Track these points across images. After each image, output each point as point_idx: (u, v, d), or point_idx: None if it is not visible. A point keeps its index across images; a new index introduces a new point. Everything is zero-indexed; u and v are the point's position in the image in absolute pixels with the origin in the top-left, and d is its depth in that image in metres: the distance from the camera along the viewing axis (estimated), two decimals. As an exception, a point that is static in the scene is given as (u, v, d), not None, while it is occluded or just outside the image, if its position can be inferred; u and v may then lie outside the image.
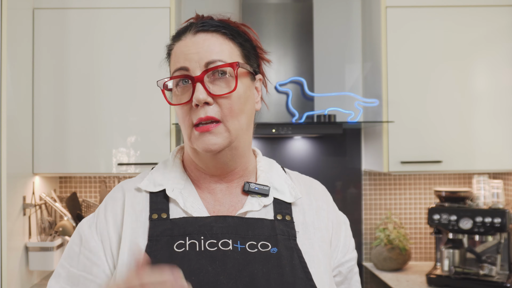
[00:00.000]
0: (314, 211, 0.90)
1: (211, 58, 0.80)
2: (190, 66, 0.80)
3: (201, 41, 0.82)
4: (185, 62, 0.81)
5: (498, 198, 2.28)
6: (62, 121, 2.17)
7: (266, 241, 0.80)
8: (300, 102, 2.35)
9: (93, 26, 2.19)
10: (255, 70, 0.89)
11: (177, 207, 0.84)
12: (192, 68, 0.80)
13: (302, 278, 0.78)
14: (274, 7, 2.40)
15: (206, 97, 0.79)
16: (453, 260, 2.16)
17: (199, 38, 0.82)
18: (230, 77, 0.81)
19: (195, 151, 0.84)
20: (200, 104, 0.79)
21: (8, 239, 1.91)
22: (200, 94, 0.78)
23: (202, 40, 0.82)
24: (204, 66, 0.80)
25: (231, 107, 0.80)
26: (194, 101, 0.79)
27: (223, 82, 0.81)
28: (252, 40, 0.89)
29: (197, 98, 0.78)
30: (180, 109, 0.82)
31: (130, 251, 0.80)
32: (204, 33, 0.83)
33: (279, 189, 0.89)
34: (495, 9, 2.24)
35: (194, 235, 0.79)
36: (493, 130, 2.22)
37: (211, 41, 0.82)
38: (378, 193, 2.60)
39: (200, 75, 0.79)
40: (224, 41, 0.83)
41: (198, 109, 0.79)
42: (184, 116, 0.82)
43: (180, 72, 0.82)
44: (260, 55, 0.90)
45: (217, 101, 0.80)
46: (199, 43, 0.81)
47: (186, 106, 0.81)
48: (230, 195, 0.87)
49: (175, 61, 0.83)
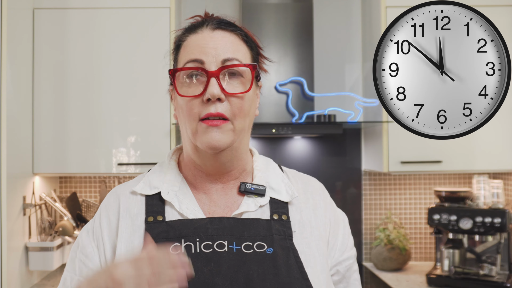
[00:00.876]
0: (311, 209, 0.89)
1: (228, 56, 0.80)
2: (206, 59, 0.80)
3: (220, 38, 0.82)
4: (201, 54, 0.81)
5: (498, 198, 2.28)
6: (62, 121, 2.17)
7: (262, 242, 0.80)
8: (300, 102, 2.35)
9: (93, 26, 2.18)
10: (260, 76, 0.90)
11: (172, 209, 0.84)
12: (207, 62, 0.80)
13: (298, 278, 0.78)
14: (274, 7, 2.40)
15: (220, 93, 0.78)
16: (453, 260, 2.16)
17: (218, 35, 0.82)
18: (243, 78, 0.82)
19: (195, 148, 0.84)
20: (213, 100, 0.78)
21: (8, 239, 1.91)
22: (214, 89, 0.78)
23: (220, 36, 0.82)
24: (220, 62, 0.80)
25: (241, 107, 0.81)
26: (207, 95, 0.78)
27: (237, 82, 0.81)
28: (258, 48, 0.90)
29: (211, 93, 0.78)
30: (187, 101, 0.81)
31: (127, 253, 0.80)
32: (222, 30, 0.83)
33: (276, 189, 0.88)
34: (495, 9, 2.24)
35: (189, 237, 0.79)
36: (493, 130, 2.21)
37: (229, 40, 0.82)
38: (378, 193, 2.60)
39: (216, 71, 0.79)
40: (240, 42, 0.84)
41: (209, 104, 0.79)
42: (190, 109, 0.81)
43: (194, 64, 0.81)
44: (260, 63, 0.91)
45: (229, 99, 0.80)
46: (218, 39, 0.82)
47: (195, 100, 0.80)
48: (225, 196, 0.87)
49: (189, 52, 0.82)
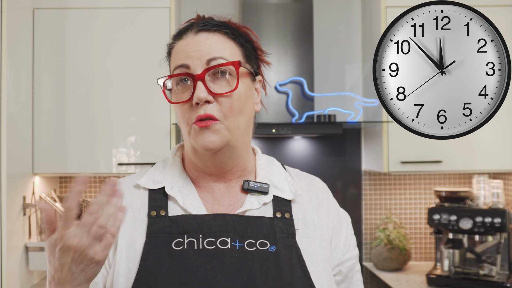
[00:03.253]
0: (315, 208, 0.89)
1: (212, 55, 0.80)
2: (191, 63, 0.80)
3: (203, 40, 0.82)
4: (186, 59, 0.81)
5: (498, 198, 2.28)
6: (62, 121, 2.17)
7: (265, 239, 0.80)
8: (300, 102, 2.35)
9: (93, 26, 2.18)
10: (256, 71, 0.88)
11: (176, 204, 0.84)
12: (193, 66, 0.80)
13: (300, 277, 0.78)
14: (274, 7, 2.40)
15: (207, 95, 0.78)
16: (453, 260, 2.16)
17: (201, 37, 0.82)
18: (231, 76, 0.81)
19: (194, 149, 0.84)
20: (201, 103, 0.79)
21: (8, 239, 1.91)
22: (201, 92, 0.78)
23: (204, 38, 0.82)
24: (205, 63, 0.80)
25: (231, 106, 0.80)
26: (195, 100, 0.78)
27: (224, 81, 0.81)
28: (252, 42, 0.89)
29: (197, 97, 0.78)
30: (179, 107, 0.82)
31: (128, 248, 0.80)
32: (205, 32, 0.83)
33: (279, 187, 0.88)
34: (495, 9, 2.24)
35: (192, 233, 0.79)
36: (493, 130, 2.21)
37: (212, 40, 0.82)
38: (378, 193, 2.59)
39: (201, 74, 0.79)
40: (225, 40, 0.83)
41: (198, 107, 0.79)
42: (183, 114, 0.82)
43: (180, 69, 0.81)
44: (260, 56, 0.90)
45: (218, 100, 0.80)
46: (201, 42, 0.81)
47: (186, 104, 0.81)
48: (229, 194, 0.87)
49: (176, 58, 0.83)
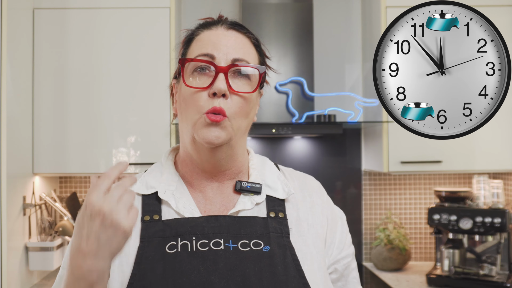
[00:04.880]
0: (308, 207, 0.90)
1: (238, 56, 0.83)
2: (217, 55, 0.82)
3: (233, 37, 0.85)
4: (213, 50, 0.83)
5: (498, 198, 2.28)
6: (62, 121, 2.17)
7: (259, 240, 0.80)
8: (300, 102, 2.35)
9: (93, 26, 2.18)
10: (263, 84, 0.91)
11: (169, 208, 0.84)
12: (218, 58, 0.82)
13: (294, 276, 0.78)
14: (274, 7, 2.40)
15: (226, 89, 0.80)
16: (453, 260, 2.16)
17: (231, 34, 0.85)
18: (250, 80, 0.84)
19: (193, 141, 0.84)
20: (218, 94, 0.80)
21: (8, 239, 1.91)
22: (221, 84, 0.80)
23: (234, 36, 0.85)
24: (230, 61, 0.82)
25: (243, 107, 0.82)
26: (214, 89, 0.80)
27: (243, 82, 0.83)
28: (265, 56, 0.92)
29: (217, 88, 0.80)
30: (193, 93, 0.82)
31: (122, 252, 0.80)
32: (236, 31, 0.86)
33: (272, 186, 0.89)
34: (495, 9, 2.24)
35: (185, 236, 0.79)
36: (493, 130, 2.21)
37: (241, 41, 0.86)
38: (378, 193, 2.59)
39: (225, 67, 0.81)
40: (251, 46, 0.87)
41: (214, 99, 0.80)
42: (196, 100, 0.82)
43: (205, 57, 0.83)
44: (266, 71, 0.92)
45: (232, 97, 0.82)
46: (231, 38, 0.85)
47: (201, 92, 0.82)
48: (221, 195, 0.87)
49: (201, 46, 0.85)
